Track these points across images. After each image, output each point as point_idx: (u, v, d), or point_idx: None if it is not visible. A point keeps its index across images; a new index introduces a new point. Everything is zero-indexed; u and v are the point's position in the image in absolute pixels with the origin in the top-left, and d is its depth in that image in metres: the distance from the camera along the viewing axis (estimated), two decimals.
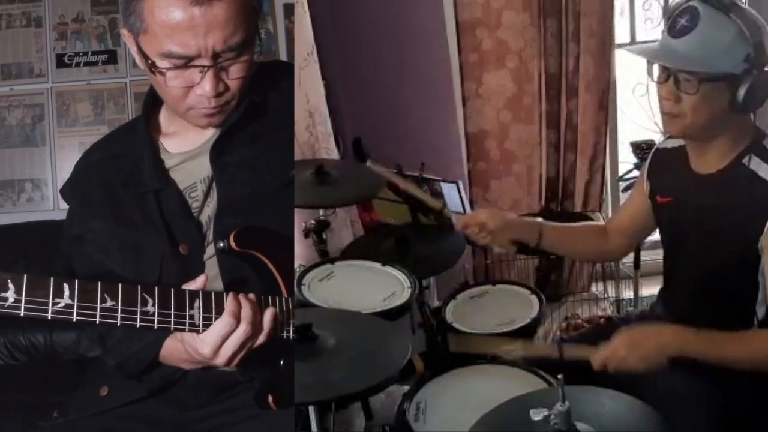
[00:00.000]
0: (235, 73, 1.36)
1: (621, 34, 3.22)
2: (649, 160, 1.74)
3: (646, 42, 3.27)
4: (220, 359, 1.32)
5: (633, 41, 3.28)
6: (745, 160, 1.49)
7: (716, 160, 1.53)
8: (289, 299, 1.44)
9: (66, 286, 1.18)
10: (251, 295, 1.35)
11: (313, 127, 2.60)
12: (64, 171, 1.64)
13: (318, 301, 1.83)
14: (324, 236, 2.29)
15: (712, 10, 1.43)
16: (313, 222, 2.28)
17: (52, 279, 1.18)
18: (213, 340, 1.30)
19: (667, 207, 1.67)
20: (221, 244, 1.38)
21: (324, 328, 1.46)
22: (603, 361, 1.49)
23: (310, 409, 1.46)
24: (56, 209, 2.91)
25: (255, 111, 1.48)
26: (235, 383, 1.49)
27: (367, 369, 1.40)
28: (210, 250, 1.48)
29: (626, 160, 3.22)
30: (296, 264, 1.99)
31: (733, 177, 1.50)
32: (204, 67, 1.32)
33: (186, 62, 1.31)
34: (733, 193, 1.49)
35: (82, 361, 1.59)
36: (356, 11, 3.08)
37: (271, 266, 1.43)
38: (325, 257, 2.22)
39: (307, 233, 2.28)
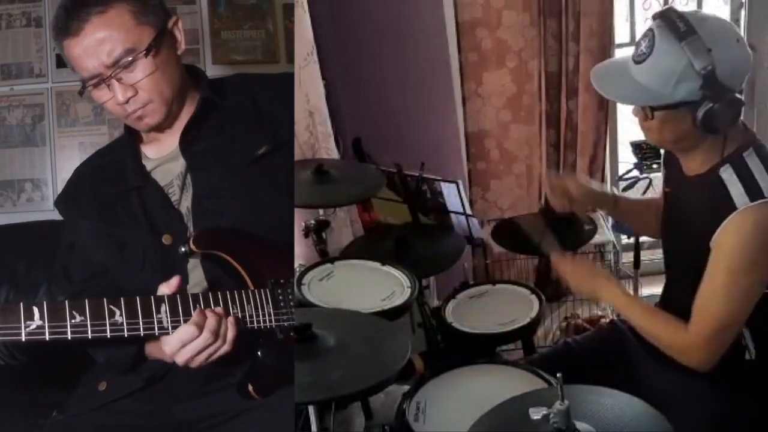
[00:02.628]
0: (136, 77, 1.51)
1: (621, 34, 3.22)
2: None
3: None
4: (179, 359, 1.42)
5: (633, 41, 3.27)
6: (721, 169, 1.49)
7: (700, 165, 1.55)
8: (258, 292, 1.50)
9: (35, 309, 1.28)
10: (219, 309, 1.44)
11: (313, 127, 2.60)
12: (64, 171, 1.66)
13: (318, 301, 1.84)
14: (324, 236, 2.29)
15: (668, 37, 1.42)
16: (313, 221, 2.28)
17: (21, 304, 1.27)
18: (173, 343, 1.40)
19: (667, 196, 1.71)
20: (182, 249, 1.48)
21: (323, 328, 1.46)
22: (557, 267, 1.74)
23: (310, 409, 1.46)
24: (56, 209, 2.91)
25: (209, 106, 1.63)
26: (225, 373, 1.54)
27: (366, 369, 1.40)
28: None
29: (626, 160, 3.22)
30: (296, 264, 2.00)
31: (706, 184, 1.52)
32: (104, 80, 1.51)
33: (97, 81, 1.51)
34: (704, 199, 1.51)
35: (83, 360, 1.63)
36: (356, 11, 3.07)
37: (233, 263, 1.50)
38: (324, 257, 2.23)
39: (307, 233, 2.29)
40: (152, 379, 1.59)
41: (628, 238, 3.08)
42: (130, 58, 1.49)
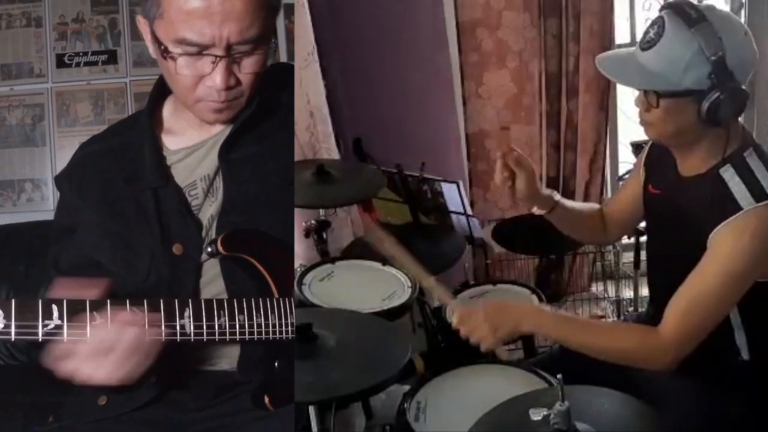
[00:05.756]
0: (247, 68, 1.36)
1: (621, 34, 3.22)
2: (646, 149, 1.75)
3: None
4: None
5: (633, 41, 3.27)
6: (722, 169, 1.47)
7: (698, 165, 1.53)
8: (282, 300, 1.42)
9: (55, 308, 1.19)
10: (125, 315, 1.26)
11: (314, 127, 2.60)
12: None
13: (318, 301, 1.83)
14: (324, 236, 2.29)
15: (678, 23, 1.41)
16: (313, 222, 2.28)
17: (40, 302, 1.18)
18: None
19: (656, 198, 1.68)
20: (209, 249, 1.38)
21: (324, 328, 1.46)
22: (459, 319, 1.58)
23: (310, 408, 1.46)
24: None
25: (266, 109, 1.48)
26: (234, 384, 1.48)
27: (367, 369, 1.40)
28: None
29: (626, 160, 3.22)
30: (297, 264, 1.99)
31: (707, 184, 1.50)
32: (216, 57, 1.31)
33: (199, 51, 1.31)
34: (704, 199, 1.48)
35: None
36: (356, 11, 3.07)
37: (260, 268, 1.42)
38: (325, 257, 2.23)
39: (307, 233, 2.29)
40: (154, 398, 1.47)
41: (628, 238, 3.07)
42: (256, 47, 1.33)
